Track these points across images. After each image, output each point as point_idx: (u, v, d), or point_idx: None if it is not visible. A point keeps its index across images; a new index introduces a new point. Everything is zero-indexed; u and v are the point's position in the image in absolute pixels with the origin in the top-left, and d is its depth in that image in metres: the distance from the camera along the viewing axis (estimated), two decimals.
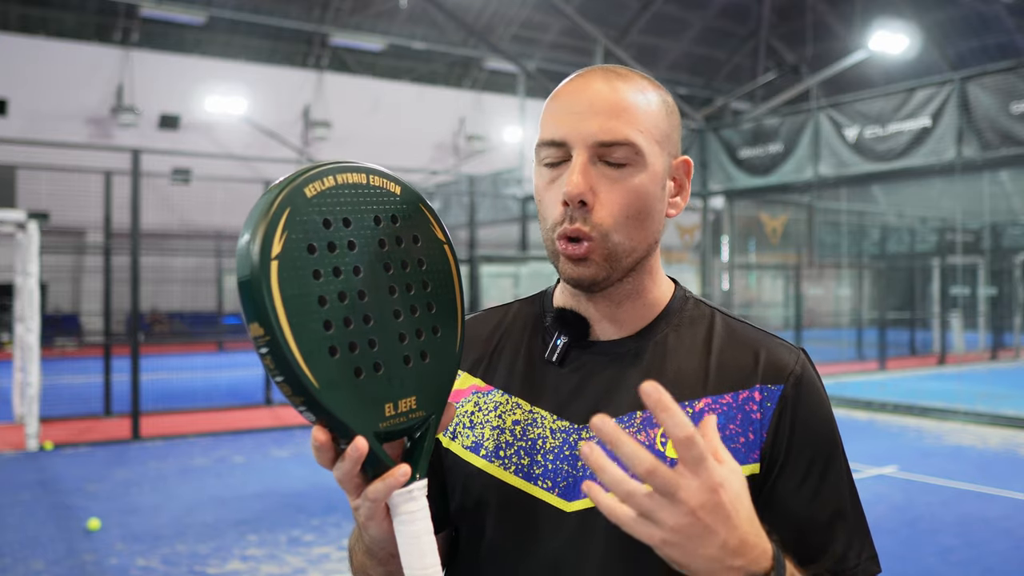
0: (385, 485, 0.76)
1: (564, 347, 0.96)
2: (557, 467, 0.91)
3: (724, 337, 0.96)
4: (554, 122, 0.91)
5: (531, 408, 0.95)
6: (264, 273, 0.70)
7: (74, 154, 11.89)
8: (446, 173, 17.84)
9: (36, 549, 4.92)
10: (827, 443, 0.92)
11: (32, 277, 8.07)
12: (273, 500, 6.09)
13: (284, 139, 21.61)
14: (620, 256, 0.90)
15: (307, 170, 0.75)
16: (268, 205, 0.72)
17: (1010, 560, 4.85)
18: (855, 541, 0.92)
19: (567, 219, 0.88)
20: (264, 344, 0.70)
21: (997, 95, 8.87)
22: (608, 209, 0.88)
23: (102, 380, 9.38)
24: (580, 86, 0.91)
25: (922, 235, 18.15)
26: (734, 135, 11.85)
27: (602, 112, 0.88)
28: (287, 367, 0.71)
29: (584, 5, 19.45)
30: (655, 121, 0.91)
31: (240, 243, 0.72)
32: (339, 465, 0.76)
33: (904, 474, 7.06)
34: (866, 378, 13.86)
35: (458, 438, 0.98)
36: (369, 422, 0.76)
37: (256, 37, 22.01)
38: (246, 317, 0.71)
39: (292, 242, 0.72)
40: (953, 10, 21.57)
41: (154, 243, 14.61)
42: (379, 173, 0.80)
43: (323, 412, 0.73)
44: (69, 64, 19.71)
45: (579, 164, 0.87)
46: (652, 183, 0.90)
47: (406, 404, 0.79)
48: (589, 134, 0.88)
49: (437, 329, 0.83)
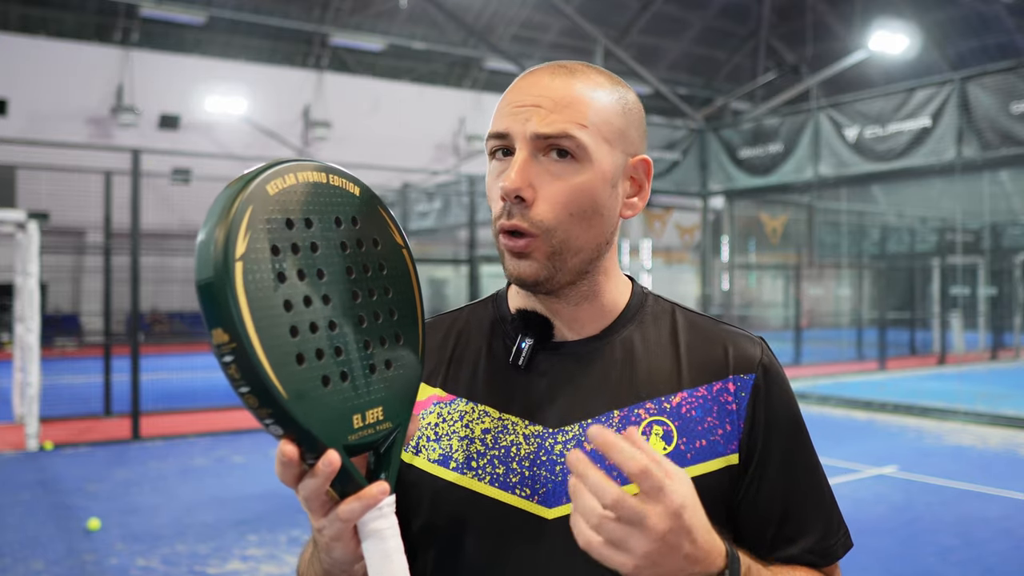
0: (361, 504, 0.72)
1: (529, 350, 0.93)
2: (535, 473, 0.89)
3: (688, 331, 0.96)
4: (500, 115, 0.89)
5: (500, 415, 0.92)
6: (228, 275, 0.64)
7: (74, 154, 11.89)
8: (446, 173, 17.84)
9: (36, 549, 4.92)
10: (796, 425, 0.94)
11: (32, 277, 8.07)
12: (273, 500, 6.09)
13: (284, 139, 21.61)
14: (564, 255, 0.87)
15: (267, 166, 0.70)
16: (229, 202, 0.66)
17: (1010, 560, 4.84)
18: (832, 516, 0.94)
19: (505, 214, 0.86)
20: (229, 352, 0.65)
21: (997, 95, 8.87)
22: (548, 205, 0.86)
23: (102, 380, 9.38)
24: (529, 81, 0.89)
25: (922, 235, 18.15)
26: (734, 135, 11.85)
27: (545, 106, 0.86)
28: (254, 376, 0.65)
29: (584, 5, 19.46)
30: (605, 117, 0.87)
31: (200, 242, 0.66)
32: (306, 483, 0.71)
33: (904, 474, 7.06)
34: (866, 378, 13.86)
35: (422, 452, 0.93)
36: (339, 435, 0.71)
37: (256, 37, 22.01)
38: (208, 323, 0.65)
39: (255, 242, 0.67)
40: (953, 10, 21.57)
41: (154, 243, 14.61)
42: (338, 172, 0.76)
43: (292, 425, 0.68)
44: (69, 64, 19.72)
45: (519, 160, 0.85)
46: (598, 181, 0.87)
47: (373, 415, 0.74)
48: (529, 128, 0.85)
49: (400, 336, 0.79)
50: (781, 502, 0.91)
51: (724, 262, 13.28)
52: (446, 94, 24.67)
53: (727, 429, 0.90)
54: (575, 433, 0.90)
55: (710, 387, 0.91)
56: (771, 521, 0.91)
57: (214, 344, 0.66)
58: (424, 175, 17.09)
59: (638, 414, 0.90)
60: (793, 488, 0.92)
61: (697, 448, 0.89)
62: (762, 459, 0.91)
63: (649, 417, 0.90)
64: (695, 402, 0.91)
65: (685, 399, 0.91)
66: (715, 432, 0.90)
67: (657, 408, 0.90)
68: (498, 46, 15.25)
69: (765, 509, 0.91)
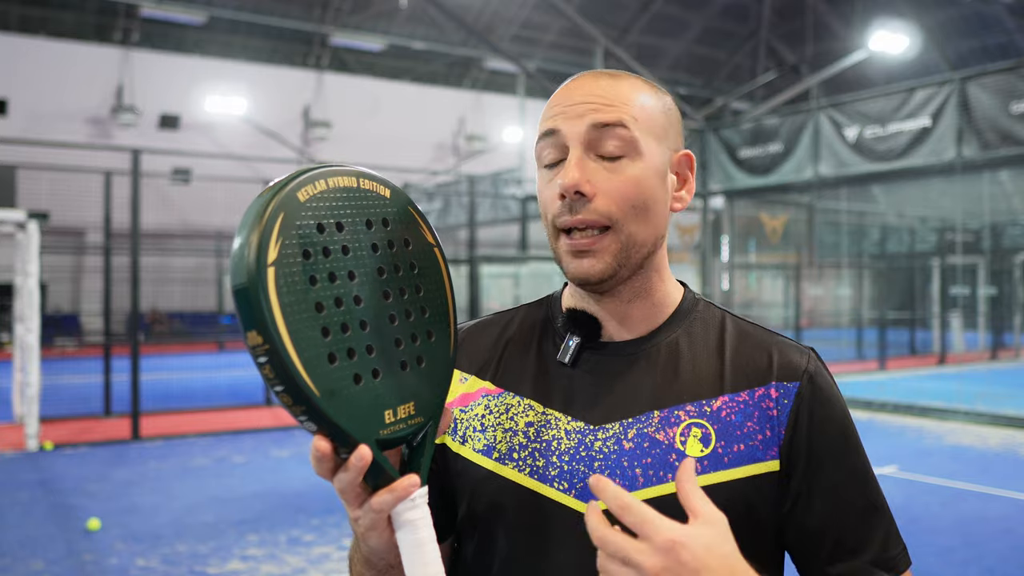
0: (393, 496, 0.75)
1: (576, 348, 0.95)
2: (573, 468, 0.90)
3: (736, 338, 0.96)
4: (548, 116, 0.92)
5: (544, 410, 0.94)
6: (261, 280, 0.68)
7: (74, 154, 11.89)
8: (446, 173, 17.84)
9: (36, 549, 4.92)
10: (848, 438, 0.93)
11: (32, 277, 8.07)
12: (273, 500, 6.09)
13: (284, 139, 21.62)
14: (630, 249, 0.90)
15: (298, 174, 0.73)
16: (262, 210, 0.70)
17: (1010, 560, 4.84)
18: (891, 532, 0.93)
19: (566, 210, 0.88)
20: (263, 353, 0.69)
21: (997, 95, 8.87)
22: (610, 199, 0.88)
23: (102, 380, 9.38)
24: (574, 85, 0.92)
25: (922, 235, 18.15)
26: (734, 135, 11.86)
27: (595, 101, 0.89)
28: (287, 376, 0.69)
29: (584, 5, 19.45)
30: (650, 114, 0.91)
31: (234, 249, 0.70)
32: (340, 476, 0.74)
33: (904, 474, 7.06)
34: (866, 378, 13.85)
35: (468, 442, 0.97)
36: (370, 430, 0.74)
37: (256, 37, 22.01)
38: (243, 325, 0.69)
39: (287, 248, 0.70)
40: (953, 10, 21.57)
41: (154, 243, 14.62)
42: (369, 176, 0.79)
43: (324, 421, 0.71)
44: (69, 64, 19.72)
45: (574, 157, 0.88)
46: (651, 174, 0.90)
47: (405, 410, 0.77)
48: (583, 123, 0.88)
49: (431, 333, 0.81)
50: (835, 515, 0.90)
51: (724, 262, 13.28)
52: (446, 94, 24.67)
53: (767, 435, 0.90)
54: (616, 431, 0.91)
55: (752, 392, 0.91)
56: (826, 534, 0.90)
57: (249, 346, 0.69)
58: (424, 175, 17.09)
59: (678, 416, 0.90)
60: (849, 501, 0.91)
61: (735, 452, 0.89)
62: (810, 469, 0.90)
63: (688, 419, 0.90)
64: (736, 407, 0.91)
65: (726, 403, 0.91)
66: (754, 437, 0.89)
67: (697, 411, 0.90)
68: (498, 46, 15.23)
69: (818, 522, 0.90)
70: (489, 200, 15.37)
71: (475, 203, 12.96)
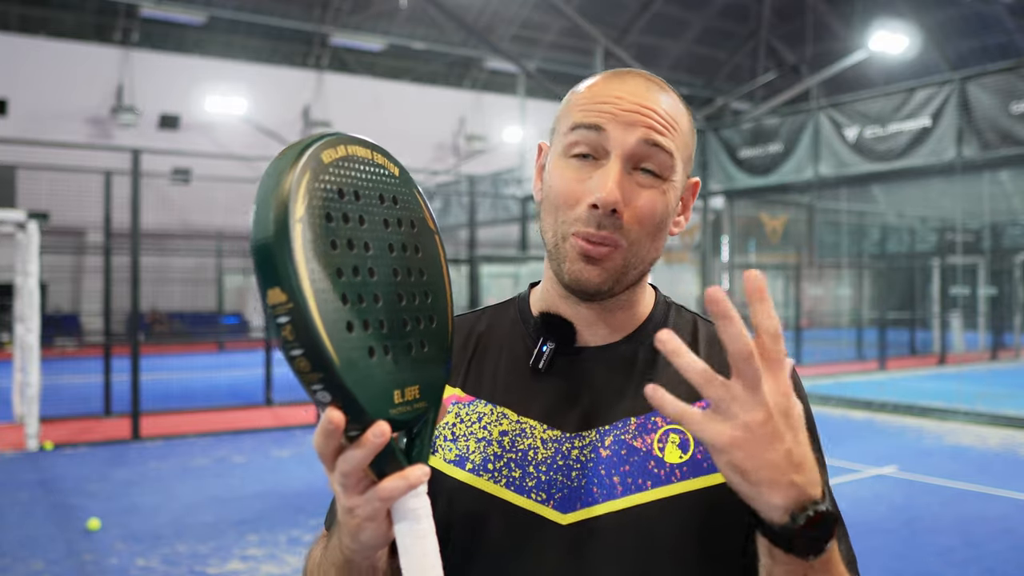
0: (406, 483, 0.70)
1: (550, 353, 0.92)
2: (551, 478, 0.88)
3: (709, 343, 0.96)
4: (595, 110, 0.87)
5: (519, 418, 0.92)
6: (287, 234, 0.65)
7: (74, 154, 11.89)
8: (446, 173, 17.85)
9: (36, 549, 4.92)
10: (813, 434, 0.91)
11: (32, 277, 8.07)
12: (273, 500, 6.09)
13: (284, 139, 21.60)
14: (631, 268, 0.88)
15: (321, 136, 0.71)
16: (288, 166, 0.67)
17: (1010, 560, 4.84)
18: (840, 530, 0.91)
19: (593, 223, 0.85)
20: (285, 312, 0.64)
21: (997, 95, 8.87)
22: (636, 219, 0.86)
23: (102, 380, 9.38)
24: (624, 85, 0.88)
25: (922, 235, 18.15)
26: (734, 135, 11.85)
27: (648, 116, 0.86)
28: (309, 338, 0.65)
29: (584, 5, 19.45)
30: (686, 139, 0.90)
31: (258, 202, 0.66)
32: (350, 455, 0.68)
33: (904, 474, 7.06)
34: (866, 378, 13.85)
35: (439, 451, 0.93)
36: (382, 408, 0.70)
37: (256, 37, 22.01)
38: (264, 282, 0.65)
39: (312, 207, 0.67)
40: (953, 10, 21.57)
41: (154, 243, 14.61)
42: (381, 151, 0.77)
43: (341, 392, 0.67)
44: (69, 64, 19.72)
45: (616, 170, 0.85)
46: (672, 200, 0.89)
47: (411, 393, 0.74)
48: (633, 136, 0.85)
49: (433, 319, 0.79)
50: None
51: (724, 262, 13.28)
52: (446, 94, 24.67)
53: None
54: (592, 439, 0.89)
55: None
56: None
57: (268, 304, 0.65)
58: (424, 175, 17.09)
59: (655, 421, 0.89)
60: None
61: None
62: None
63: (666, 425, 0.89)
64: None
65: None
66: None
67: None
68: (498, 46, 15.23)
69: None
70: (489, 200, 15.37)
71: (475, 203, 12.95)
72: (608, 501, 0.86)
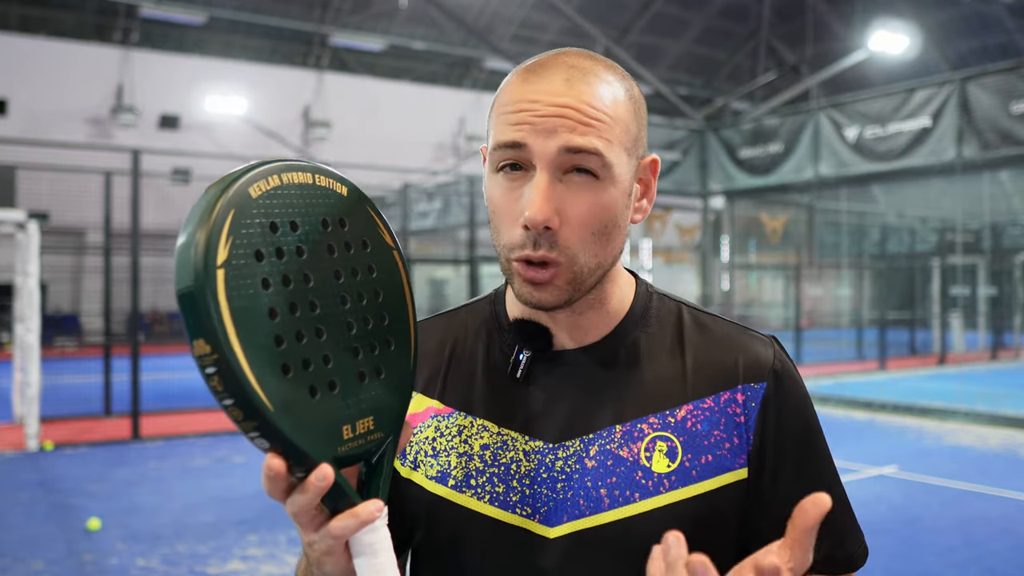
0: (356, 521, 0.69)
1: (527, 361, 0.88)
2: (535, 492, 0.85)
3: (696, 334, 0.91)
4: (509, 122, 0.81)
5: (500, 430, 0.88)
6: (209, 283, 0.62)
7: (74, 154, 11.90)
8: (446, 173, 17.84)
9: (36, 549, 4.92)
10: (810, 431, 0.90)
11: (32, 277, 8.07)
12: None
13: (284, 139, 21.62)
14: (584, 277, 0.83)
15: (250, 168, 0.68)
16: (210, 206, 0.64)
17: (1010, 560, 4.84)
18: (853, 525, 0.91)
19: (530, 244, 0.80)
20: (211, 363, 0.62)
21: (997, 95, 8.88)
22: (573, 229, 0.80)
23: (102, 380, 9.37)
24: (541, 85, 0.81)
25: (922, 235, 18.15)
26: (734, 135, 11.86)
27: (570, 117, 0.79)
28: (238, 388, 0.62)
29: (584, 5, 19.46)
30: (625, 126, 0.82)
31: (179, 246, 0.63)
32: (296, 498, 0.68)
33: (904, 474, 7.06)
34: (866, 378, 13.86)
35: (420, 467, 0.90)
36: (328, 447, 0.68)
37: (256, 37, 22.02)
38: (189, 333, 0.63)
39: (238, 248, 0.64)
40: (953, 10, 21.57)
41: (154, 243, 14.61)
42: (325, 172, 0.73)
43: (278, 438, 0.65)
44: (69, 64, 19.72)
45: (543, 184, 0.78)
46: (620, 196, 0.82)
47: (364, 425, 0.71)
48: (554, 144, 0.78)
49: (390, 342, 0.75)
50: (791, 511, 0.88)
51: (724, 262, 13.28)
52: (446, 94, 24.67)
53: (735, 442, 0.85)
54: (576, 449, 0.86)
55: (717, 398, 0.87)
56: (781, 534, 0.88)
57: (196, 355, 0.63)
58: (424, 175, 17.09)
59: (641, 429, 0.86)
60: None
61: (703, 464, 0.85)
62: (773, 470, 0.87)
63: (653, 432, 0.86)
64: (701, 414, 0.86)
65: (691, 412, 0.86)
66: (722, 446, 0.85)
67: (661, 423, 0.86)
68: (498, 46, 15.26)
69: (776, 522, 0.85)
70: None
71: (475, 203, 12.95)
72: (596, 514, 0.84)
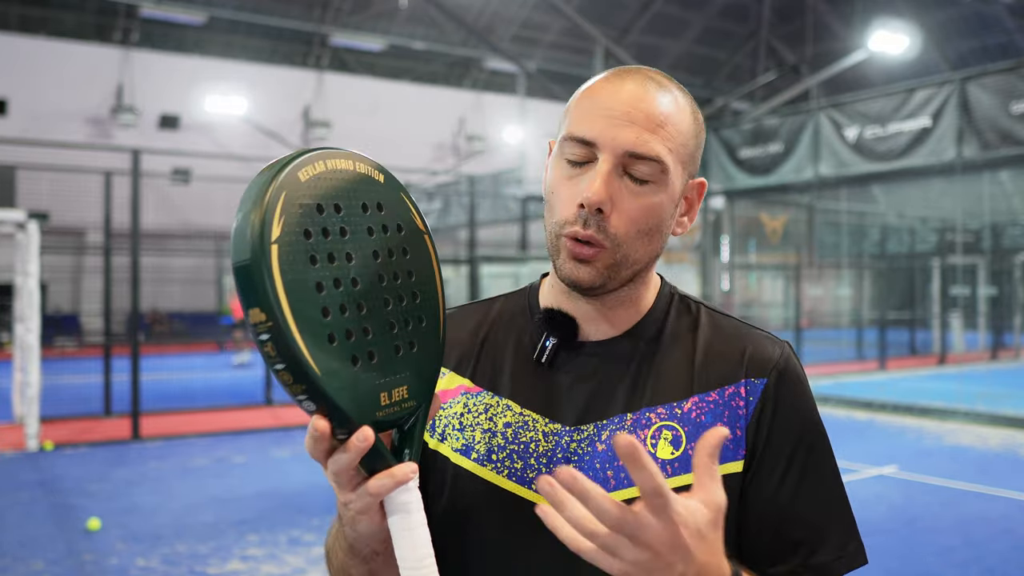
0: (393, 481, 0.75)
1: (553, 348, 0.95)
2: (551, 471, 0.89)
3: (709, 332, 0.96)
4: (587, 120, 0.89)
5: (522, 411, 0.94)
6: (264, 257, 0.68)
7: (74, 154, 11.89)
8: (446, 173, 17.84)
9: (36, 549, 4.92)
10: (809, 434, 0.92)
11: (32, 277, 8.07)
12: (273, 500, 6.09)
13: (284, 139, 21.61)
14: (622, 267, 0.90)
15: (299, 154, 0.74)
16: (264, 187, 0.71)
17: (1010, 560, 4.85)
18: (839, 532, 0.92)
19: (580, 222, 0.88)
20: (266, 330, 0.69)
21: (997, 95, 8.87)
22: (622, 220, 0.88)
23: (102, 380, 9.38)
24: (618, 87, 0.90)
25: (922, 235, 18.15)
26: (734, 135, 11.86)
27: (638, 121, 0.87)
28: (289, 354, 0.69)
29: (584, 5, 19.46)
30: (685, 140, 0.90)
31: (236, 226, 0.70)
32: (338, 457, 0.74)
33: (904, 474, 7.06)
34: (866, 378, 13.86)
35: (447, 440, 0.96)
36: (368, 412, 0.75)
37: (256, 37, 22.01)
38: (245, 302, 0.70)
39: (289, 226, 0.71)
40: (953, 10, 21.57)
41: (154, 243, 14.62)
42: (364, 160, 0.80)
43: (325, 401, 0.72)
44: (69, 64, 19.72)
45: (604, 172, 0.87)
46: (668, 202, 0.90)
47: (399, 393, 0.78)
48: (621, 142, 0.87)
49: (422, 319, 0.82)
50: (778, 511, 0.89)
51: (724, 262, 13.28)
52: (446, 94, 24.67)
53: (737, 435, 0.90)
54: (590, 433, 0.91)
55: (722, 391, 0.91)
56: (767, 530, 0.89)
57: (251, 323, 0.70)
58: (424, 175, 17.09)
59: (648, 418, 0.91)
60: (795, 498, 0.90)
61: None
62: (762, 464, 0.90)
63: (659, 422, 0.91)
64: (706, 407, 0.91)
65: (696, 404, 0.91)
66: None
67: (668, 413, 0.91)
68: (498, 46, 15.26)
69: (762, 516, 0.90)
70: (489, 200, 15.36)
71: (475, 203, 12.96)
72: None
